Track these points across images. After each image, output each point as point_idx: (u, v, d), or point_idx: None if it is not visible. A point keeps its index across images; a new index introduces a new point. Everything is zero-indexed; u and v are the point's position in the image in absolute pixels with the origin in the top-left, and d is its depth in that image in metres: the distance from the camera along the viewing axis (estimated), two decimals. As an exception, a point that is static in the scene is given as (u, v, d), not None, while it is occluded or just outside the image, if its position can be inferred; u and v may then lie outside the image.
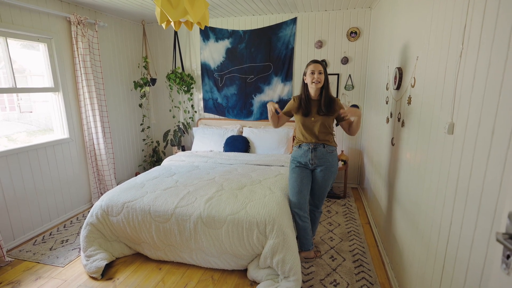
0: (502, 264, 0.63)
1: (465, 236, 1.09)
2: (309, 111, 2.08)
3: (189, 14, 1.94)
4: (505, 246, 0.60)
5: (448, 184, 1.24)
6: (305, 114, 2.09)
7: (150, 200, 2.24)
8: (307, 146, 2.12)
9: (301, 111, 2.10)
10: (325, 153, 2.11)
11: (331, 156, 2.13)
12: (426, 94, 1.54)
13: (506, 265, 0.61)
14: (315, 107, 2.09)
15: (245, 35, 3.75)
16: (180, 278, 2.10)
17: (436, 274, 1.33)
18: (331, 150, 2.13)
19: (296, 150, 2.20)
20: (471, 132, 1.07)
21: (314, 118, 2.08)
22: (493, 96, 0.94)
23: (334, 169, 2.16)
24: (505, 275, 0.61)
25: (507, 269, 0.61)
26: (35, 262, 2.30)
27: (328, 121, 2.09)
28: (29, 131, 3.07)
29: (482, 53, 1.02)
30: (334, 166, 2.16)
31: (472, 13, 1.10)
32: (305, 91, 2.10)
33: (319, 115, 2.07)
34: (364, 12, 3.40)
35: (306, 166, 2.15)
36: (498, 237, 0.61)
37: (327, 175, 2.13)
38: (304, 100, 2.09)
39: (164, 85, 4.19)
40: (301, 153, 2.15)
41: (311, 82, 2.03)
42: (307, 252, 2.25)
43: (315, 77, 2.01)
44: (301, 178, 2.14)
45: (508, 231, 0.61)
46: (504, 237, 0.60)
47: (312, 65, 2.04)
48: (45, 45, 2.82)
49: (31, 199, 2.69)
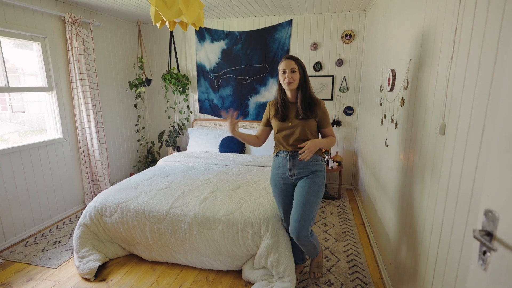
0: (479, 260, 0.64)
1: (456, 235, 1.11)
2: (286, 115, 1.78)
3: (183, 15, 1.94)
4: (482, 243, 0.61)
5: (440, 184, 1.26)
6: (282, 119, 1.79)
7: (145, 200, 2.22)
8: (285, 154, 1.79)
9: (277, 116, 1.81)
10: (306, 162, 1.75)
11: (314, 166, 1.76)
12: (418, 96, 1.56)
13: (483, 261, 0.63)
14: (293, 110, 1.78)
15: (241, 36, 3.77)
16: (174, 279, 2.09)
17: (428, 274, 1.35)
18: (314, 159, 1.77)
19: (273, 159, 1.89)
20: (461, 133, 1.09)
21: (291, 122, 1.77)
22: (482, 97, 0.97)
23: (318, 181, 1.75)
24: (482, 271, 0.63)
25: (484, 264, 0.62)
26: (26, 264, 2.26)
27: (310, 126, 1.76)
28: (21, 131, 3.03)
29: (472, 55, 1.04)
30: (319, 177, 1.75)
31: (462, 16, 1.12)
32: (281, 94, 1.81)
33: (297, 119, 1.75)
34: (358, 15, 3.44)
35: (286, 179, 1.82)
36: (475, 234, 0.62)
37: (309, 189, 1.72)
38: (280, 103, 1.80)
39: (160, 85, 4.17)
40: (278, 162, 1.84)
41: (284, 82, 1.73)
42: (296, 265, 2.07)
43: (287, 77, 1.70)
44: (283, 197, 1.86)
45: (484, 228, 0.63)
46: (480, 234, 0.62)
47: (283, 63, 1.72)
48: (39, 44, 2.80)
49: (22, 199, 2.66)
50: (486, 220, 0.63)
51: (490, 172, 0.63)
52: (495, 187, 0.60)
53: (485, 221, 0.63)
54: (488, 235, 0.62)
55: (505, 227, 0.58)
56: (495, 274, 0.60)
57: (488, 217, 0.62)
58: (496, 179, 0.60)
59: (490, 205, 0.62)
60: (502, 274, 0.59)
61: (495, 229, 0.60)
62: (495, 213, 0.60)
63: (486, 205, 0.63)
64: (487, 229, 0.62)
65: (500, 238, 0.59)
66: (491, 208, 0.61)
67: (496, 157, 0.61)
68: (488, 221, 0.62)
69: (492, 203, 0.61)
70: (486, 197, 0.63)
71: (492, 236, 0.61)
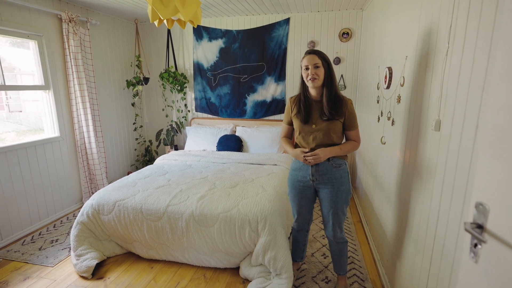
0: (470, 253, 0.65)
1: (451, 231, 1.12)
2: (309, 116, 1.65)
3: (180, 12, 1.94)
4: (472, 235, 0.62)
5: (436, 179, 1.26)
6: (305, 121, 1.65)
7: (142, 198, 2.22)
8: None
9: (299, 116, 1.67)
10: (329, 167, 1.64)
11: (338, 172, 1.65)
12: (414, 93, 1.57)
13: (474, 253, 0.63)
14: (317, 110, 1.64)
15: (238, 35, 3.76)
16: (172, 276, 2.09)
17: (424, 269, 1.35)
18: (338, 164, 1.65)
19: (294, 161, 1.78)
20: (456, 128, 1.10)
21: (315, 125, 1.63)
22: (476, 93, 0.97)
23: (345, 188, 1.67)
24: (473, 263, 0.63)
25: (475, 257, 0.63)
26: (23, 262, 2.26)
27: (334, 128, 1.63)
28: (19, 130, 3.02)
29: (467, 51, 1.05)
30: (344, 185, 1.67)
31: (457, 12, 1.13)
32: (304, 91, 1.68)
33: (322, 121, 1.62)
34: (356, 13, 3.44)
35: (306, 182, 1.72)
36: (466, 227, 0.63)
37: (336, 196, 1.66)
38: (303, 102, 1.66)
39: (157, 84, 4.16)
40: (299, 165, 1.73)
41: (307, 79, 1.61)
42: (340, 277, 1.94)
43: (310, 73, 1.58)
44: (299, 199, 1.79)
45: (475, 220, 0.63)
46: (471, 227, 0.62)
47: (306, 58, 1.60)
48: (35, 43, 2.78)
49: (20, 198, 2.65)
50: (477, 213, 0.63)
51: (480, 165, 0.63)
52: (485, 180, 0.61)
53: (476, 214, 0.63)
54: (479, 228, 0.62)
55: (495, 219, 0.59)
56: (486, 266, 0.61)
57: (479, 210, 0.63)
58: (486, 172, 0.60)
59: (481, 198, 0.62)
60: (492, 266, 0.59)
61: (485, 221, 0.60)
62: (486, 206, 0.61)
63: (477, 198, 0.63)
64: (478, 222, 0.62)
65: (491, 230, 0.59)
66: (481, 201, 0.62)
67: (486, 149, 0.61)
68: (479, 214, 0.63)
69: (483, 196, 0.62)
70: (477, 190, 0.64)
71: (483, 229, 0.61)
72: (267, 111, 3.91)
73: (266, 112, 3.92)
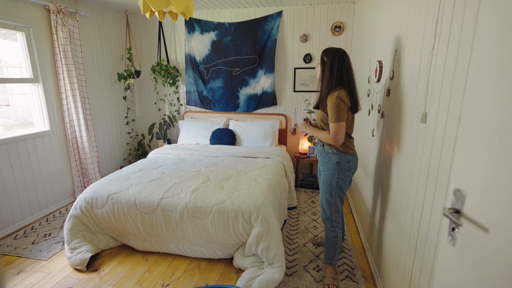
0: (448, 236, 0.69)
1: (434, 219, 1.17)
2: (318, 104, 1.90)
3: (172, 4, 1.93)
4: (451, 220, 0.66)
5: (421, 170, 1.31)
6: (315, 107, 1.93)
7: (136, 191, 2.23)
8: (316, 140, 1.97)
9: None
10: (321, 152, 1.87)
11: (327, 158, 1.82)
12: (403, 86, 1.61)
13: (452, 237, 0.68)
14: None
15: (230, 27, 3.74)
16: (166, 267, 2.12)
17: (409, 256, 1.41)
18: (326, 152, 1.82)
19: None
20: (441, 121, 1.14)
21: (316, 112, 1.94)
22: (459, 86, 1.01)
23: (327, 178, 1.81)
24: (451, 246, 0.68)
25: (453, 240, 0.67)
26: (16, 256, 2.26)
27: (320, 116, 1.84)
28: (6, 125, 2.97)
29: (451, 45, 1.08)
30: (327, 173, 1.81)
31: (443, 6, 1.16)
32: None
33: (317, 109, 1.89)
34: (348, 7, 3.45)
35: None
36: (445, 212, 0.67)
37: (322, 181, 1.88)
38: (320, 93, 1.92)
39: (149, 77, 4.13)
40: None
41: None
42: (327, 265, 1.96)
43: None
44: None
45: (454, 206, 0.68)
46: (450, 212, 0.66)
47: None
48: (23, 34, 2.72)
49: (10, 192, 2.63)
50: (455, 199, 0.67)
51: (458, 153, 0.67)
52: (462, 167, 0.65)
53: (454, 200, 0.68)
54: (457, 213, 0.66)
55: (471, 204, 0.63)
56: (462, 248, 0.65)
57: (456, 196, 0.67)
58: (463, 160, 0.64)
59: (459, 184, 0.66)
60: (468, 247, 0.64)
61: (462, 206, 0.65)
62: (463, 192, 0.65)
63: (455, 185, 0.67)
64: (456, 207, 0.67)
65: (467, 215, 0.63)
66: (459, 188, 0.66)
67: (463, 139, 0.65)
68: (457, 200, 0.67)
69: (460, 183, 0.66)
70: (455, 177, 0.68)
71: (460, 213, 0.65)
72: (258, 104, 3.92)
73: (257, 105, 3.93)
